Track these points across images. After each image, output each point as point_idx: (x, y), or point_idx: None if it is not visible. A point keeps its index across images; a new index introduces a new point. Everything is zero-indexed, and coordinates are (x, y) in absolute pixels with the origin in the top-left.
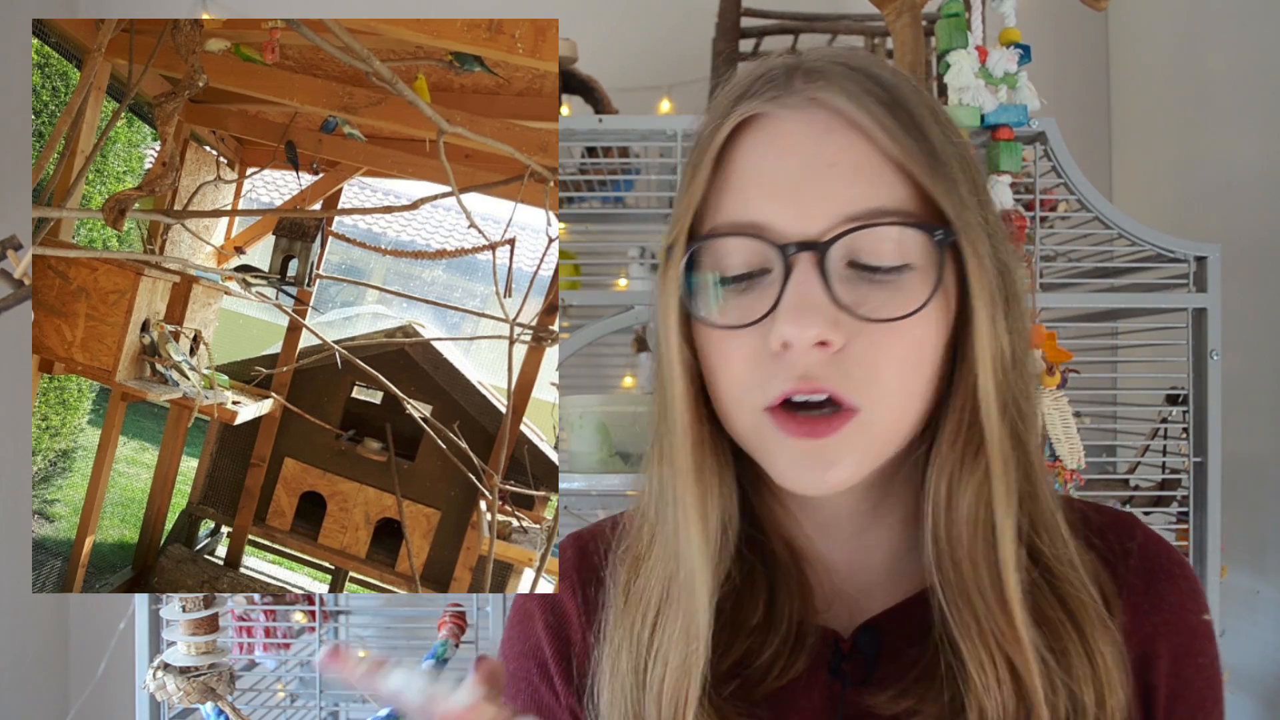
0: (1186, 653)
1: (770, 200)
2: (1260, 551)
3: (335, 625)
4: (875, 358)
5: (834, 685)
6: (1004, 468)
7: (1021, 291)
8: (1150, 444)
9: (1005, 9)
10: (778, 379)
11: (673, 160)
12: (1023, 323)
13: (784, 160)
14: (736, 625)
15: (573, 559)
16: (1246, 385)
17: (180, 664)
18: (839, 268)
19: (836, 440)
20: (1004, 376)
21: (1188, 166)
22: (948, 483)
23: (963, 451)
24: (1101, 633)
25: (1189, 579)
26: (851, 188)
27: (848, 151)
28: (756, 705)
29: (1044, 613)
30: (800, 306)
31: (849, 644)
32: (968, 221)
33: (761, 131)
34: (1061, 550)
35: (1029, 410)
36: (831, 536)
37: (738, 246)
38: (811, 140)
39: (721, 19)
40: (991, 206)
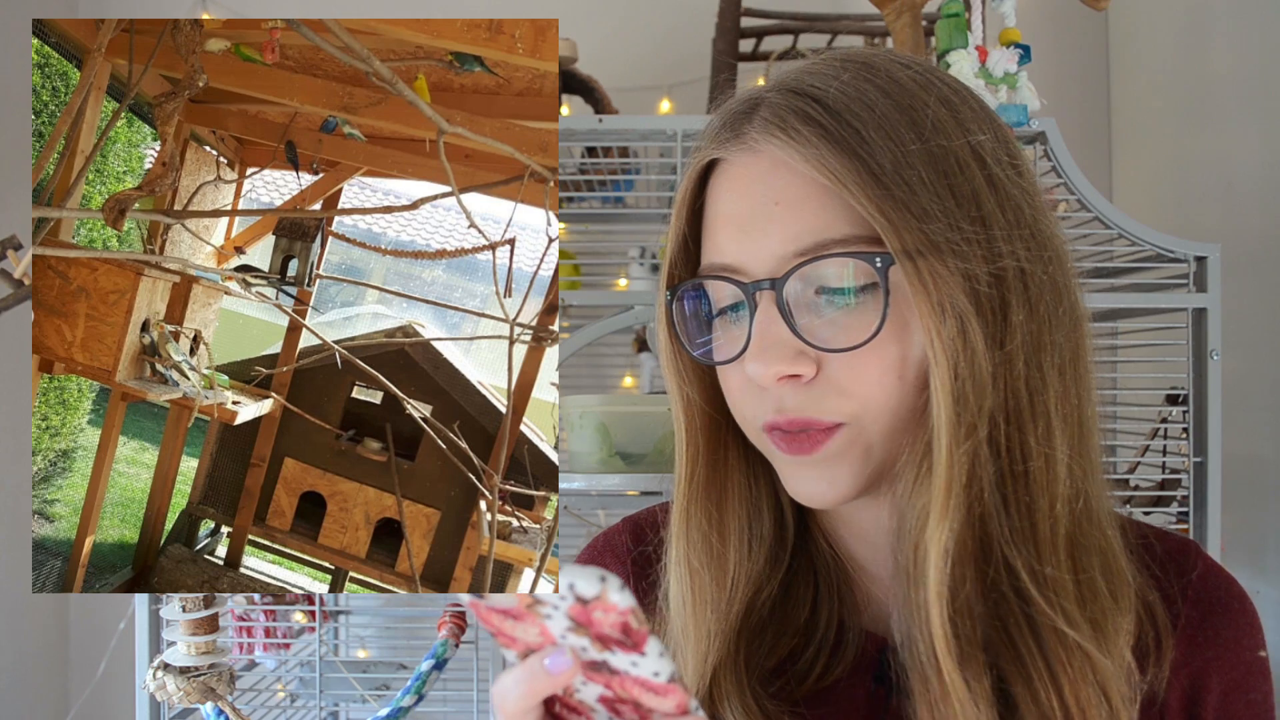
0: (1237, 688)
1: (733, 242)
2: (1260, 551)
3: (335, 625)
4: (852, 381)
5: (878, 691)
6: (947, 489)
7: (1037, 294)
8: (1150, 444)
9: (1005, 9)
10: (762, 408)
11: (673, 160)
12: (1032, 331)
13: (738, 203)
14: (783, 624)
15: (628, 543)
16: (1246, 385)
17: (180, 664)
18: (806, 298)
19: (827, 453)
20: (968, 398)
21: (1188, 166)
22: (900, 498)
23: (918, 469)
24: (1079, 675)
25: (1246, 613)
26: (796, 223)
27: (791, 189)
28: (798, 705)
29: (1009, 633)
30: (762, 344)
31: (896, 652)
32: (926, 236)
33: (723, 175)
34: (1049, 568)
35: (1029, 426)
36: (871, 543)
37: (722, 284)
38: (759, 182)
39: (721, 19)
40: (1004, 201)
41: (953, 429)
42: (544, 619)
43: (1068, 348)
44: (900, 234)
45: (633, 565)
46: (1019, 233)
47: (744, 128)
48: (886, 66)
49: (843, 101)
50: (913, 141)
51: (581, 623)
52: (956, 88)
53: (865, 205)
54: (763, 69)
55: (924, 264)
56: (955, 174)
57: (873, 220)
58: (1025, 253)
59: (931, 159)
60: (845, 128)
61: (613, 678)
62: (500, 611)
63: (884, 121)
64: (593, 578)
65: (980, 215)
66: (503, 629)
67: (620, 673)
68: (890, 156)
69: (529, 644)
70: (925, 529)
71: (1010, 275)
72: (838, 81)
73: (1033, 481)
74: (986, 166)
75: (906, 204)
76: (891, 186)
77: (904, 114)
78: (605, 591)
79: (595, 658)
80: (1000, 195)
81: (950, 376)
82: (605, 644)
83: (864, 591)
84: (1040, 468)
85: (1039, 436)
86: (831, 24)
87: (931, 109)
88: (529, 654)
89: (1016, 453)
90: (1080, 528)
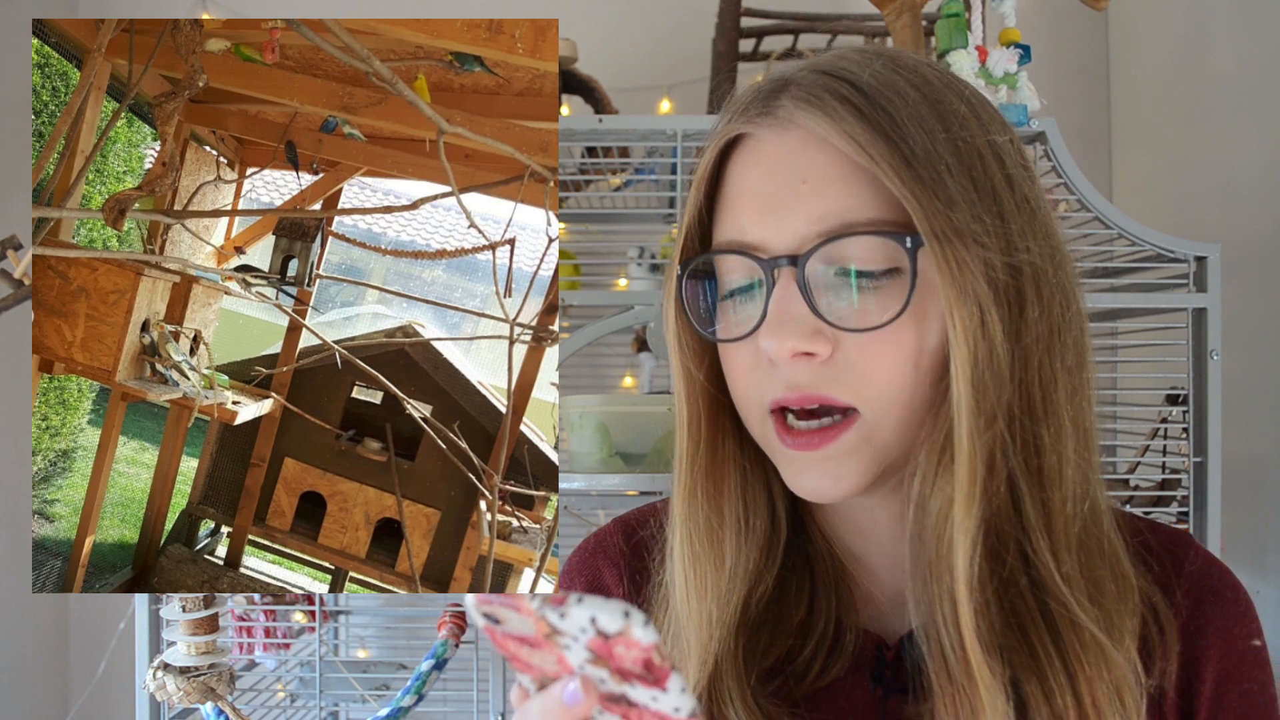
0: (1230, 678)
1: (754, 219)
2: (1260, 551)
3: (335, 625)
4: (867, 364)
5: (877, 692)
6: (970, 479)
7: (1049, 294)
8: (1150, 444)
9: (1005, 9)
10: (771, 386)
11: (672, 160)
12: (1045, 329)
13: (765, 180)
14: (780, 623)
15: (620, 544)
16: (1246, 385)
17: (180, 664)
18: (826, 277)
19: (836, 448)
20: (988, 388)
21: (1188, 166)
22: (920, 489)
23: (938, 459)
24: (1094, 671)
25: (1240, 603)
26: (823, 202)
27: (820, 167)
28: (797, 705)
29: (1024, 629)
30: (779, 320)
31: (893, 651)
32: (951, 223)
33: (748, 151)
34: (1067, 565)
35: (1043, 421)
36: (870, 540)
37: (735, 262)
38: (788, 158)
39: (721, 19)
40: (1021, 201)
41: (973, 417)
42: (563, 649)
43: (1074, 351)
44: (930, 218)
45: (625, 567)
46: (1033, 232)
47: (775, 103)
48: (912, 63)
49: (875, 87)
50: (940, 132)
51: (602, 656)
52: (975, 90)
53: (898, 186)
54: (763, 69)
55: (950, 249)
56: (977, 168)
57: (904, 201)
58: (1039, 252)
59: (957, 151)
60: (879, 110)
61: (631, 709)
62: (517, 638)
63: (915, 110)
64: (616, 612)
65: (999, 210)
66: (518, 655)
67: (640, 706)
68: (921, 143)
69: (545, 672)
70: (950, 519)
71: (1026, 272)
72: (869, 69)
73: (1047, 478)
74: (1005, 166)
75: (935, 190)
76: (922, 171)
77: (932, 106)
78: (629, 627)
79: (614, 690)
80: (1017, 195)
81: (970, 363)
82: (626, 677)
83: (862, 589)
84: (1053, 465)
85: (1052, 434)
86: (831, 24)
87: (956, 105)
88: (544, 681)
89: (1031, 448)
90: (1088, 529)
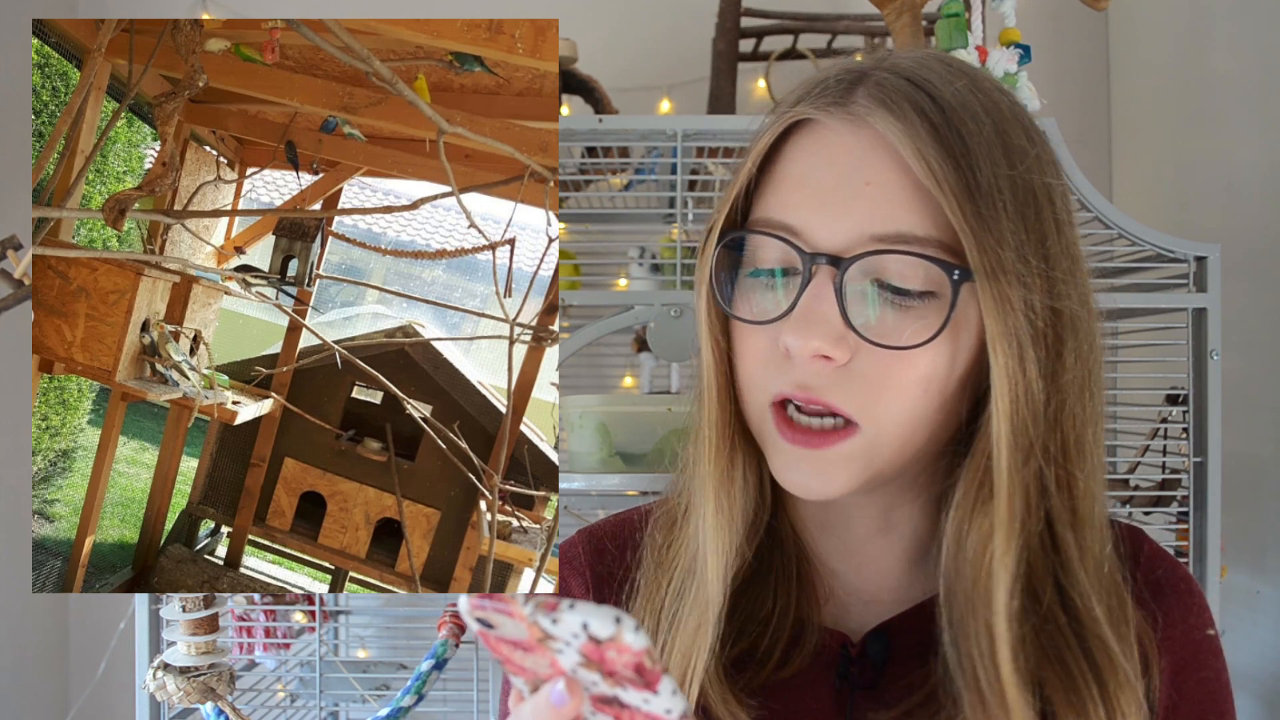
0: (1187, 667)
1: (805, 207)
2: (1260, 551)
3: (335, 625)
4: (881, 379)
5: (842, 689)
6: (1010, 515)
7: (1084, 341)
8: (1150, 444)
9: (1005, 9)
10: (780, 379)
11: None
12: (1080, 374)
13: (825, 171)
14: (748, 614)
15: (585, 555)
16: (1246, 385)
17: (180, 664)
18: (861, 285)
19: (832, 452)
20: (1026, 425)
21: (1188, 166)
22: (957, 522)
23: (976, 494)
24: (1127, 693)
25: (1194, 594)
26: (882, 209)
27: (887, 173)
28: (762, 697)
29: (1065, 664)
30: (807, 318)
31: (858, 649)
32: (1000, 261)
33: (812, 138)
34: (1100, 604)
35: (1076, 462)
36: (838, 538)
37: (772, 243)
38: (855, 156)
39: (721, 19)
40: (1066, 247)
41: (1012, 452)
42: (555, 653)
43: (1099, 397)
44: (983, 254)
45: (591, 577)
46: (1074, 280)
47: (850, 96)
48: (989, 86)
49: (954, 107)
50: (1005, 168)
51: (594, 660)
52: (1035, 125)
53: (958, 217)
54: (763, 69)
55: (998, 288)
56: (1030, 210)
57: (961, 233)
58: (1078, 299)
59: (1015, 188)
60: (953, 132)
61: (623, 711)
62: (510, 642)
63: (985, 139)
64: (607, 618)
65: (1045, 253)
66: (511, 659)
67: (632, 708)
68: (986, 175)
69: (538, 674)
70: (988, 553)
71: (1065, 316)
72: (951, 86)
73: (1081, 518)
74: (1055, 210)
75: (990, 226)
76: (982, 205)
77: (1000, 137)
78: (620, 633)
79: (606, 692)
80: (1064, 240)
81: (1010, 399)
82: (617, 680)
83: (824, 587)
84: (1087, 506)
85: (1085, 475)
86: (831, 24)
87: (1021, 140)
88: (537, 684)
89: (1066, 489)
90: (1110, 562)
